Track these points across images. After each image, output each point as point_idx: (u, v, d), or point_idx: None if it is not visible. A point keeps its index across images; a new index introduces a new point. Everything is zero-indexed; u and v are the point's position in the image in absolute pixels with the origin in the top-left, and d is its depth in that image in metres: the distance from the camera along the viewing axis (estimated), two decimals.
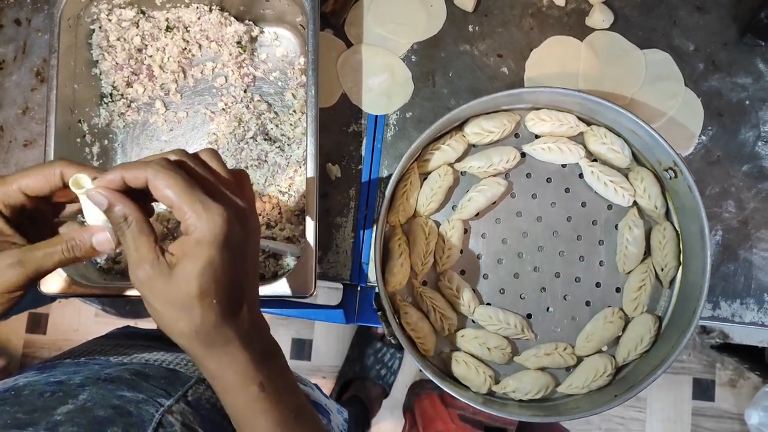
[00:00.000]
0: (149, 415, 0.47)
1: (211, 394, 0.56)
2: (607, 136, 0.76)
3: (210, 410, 0.54)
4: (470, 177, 0.78)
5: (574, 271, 0.77)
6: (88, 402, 0.48)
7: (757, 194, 0.81)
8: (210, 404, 0.54)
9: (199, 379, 0.58)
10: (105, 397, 0.49)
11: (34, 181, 0.47)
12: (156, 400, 0.50)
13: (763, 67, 0.82)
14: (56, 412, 0.46)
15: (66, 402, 0.47)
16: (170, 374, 0.57)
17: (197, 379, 0.57)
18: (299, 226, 0.76)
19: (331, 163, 0.81)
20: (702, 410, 1.73)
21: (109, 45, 0.77)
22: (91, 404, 0.47)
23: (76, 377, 0.53)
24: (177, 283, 0.41)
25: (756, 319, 0.80)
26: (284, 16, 0.79)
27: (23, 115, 0.83)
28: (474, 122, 0.76)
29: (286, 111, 0.80)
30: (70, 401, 0.48)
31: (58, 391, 0.50)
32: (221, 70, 0.80)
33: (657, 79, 0.82)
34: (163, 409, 0.49)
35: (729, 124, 0.82)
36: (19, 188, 0.47)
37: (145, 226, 0.43)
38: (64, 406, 0.47)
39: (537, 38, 0.83)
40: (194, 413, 0.51)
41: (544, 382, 0.75)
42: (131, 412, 0.47)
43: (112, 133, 0.80)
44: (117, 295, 0.69)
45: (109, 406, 0.47)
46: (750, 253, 0.80)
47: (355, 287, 0.80)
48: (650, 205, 0.75)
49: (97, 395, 0.49)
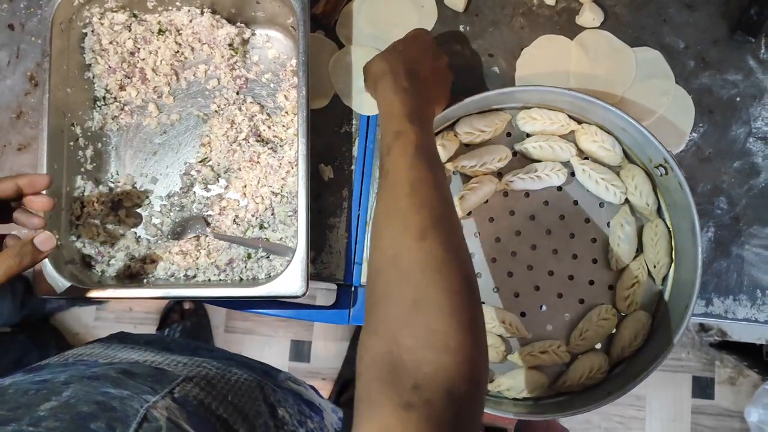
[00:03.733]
0: (133, 410, 0.48)
1: (198, 392, 0.56)
2: (598, 134, 0.76)
3: (197, 407, 0.54)
4: (463, 176, 0.78)
5: (568, 269, 0.77)
6: (72, 398, 0.48)
7: (749, 191, 0.81)
8: (197, 401, 0.55)
9: (187, 378, 0.58)
10: (89, 394, 0.49)
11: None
12: (141, 397, 0.50)
13: (753, 64, 0.82)
14: (39, 408, 0.46)
15: (50, 399, 0.48)
16: (157, 372, 0.58)
17: (185, 377, 0.57)
18: (292, 227, 0.76)
19: (323, 164, 0.81)
20: (702, 408, 1.73)
21: (102, 48, 0.78)
22: (74, 400, 0.48)
23: (61, 376, 0.53)
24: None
25: (749, 315, 0.80)
26: (275, 18, 0.79)
27: (17, 120, 0.83)
28: (465, 122, 0.77)
29: (279, 112, 0.80)
30: (53, 398, 0.48)
31: (43, 389, 0.50)
32: (213, 73, 0.81)
33: (648, 77, 0.82)
34: (148, 405, 0.49)
35: (720, 121, 0.82)
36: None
37: None
38: (48, 403, 0.47)
39: (528, 37, 0.83)
40: (180, 409, 0.51)
41: (539, 380, 0.75)
42: (115, 408, 0.47)
43: (106, 136, 0.80)
44: (110, 298, 0.69)
45: (93, 402, 0.48)
46: (742, 250, 0.81)
47: (349, 287, 0.80)
48: (642, 203, 0.75)
49: (81, 392, 0.49)
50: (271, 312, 0.79)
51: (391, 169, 0.56)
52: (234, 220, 0.77)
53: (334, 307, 0.79)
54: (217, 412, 0.56)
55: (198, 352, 0.74)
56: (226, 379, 0.63)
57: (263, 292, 0.70)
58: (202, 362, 0.65)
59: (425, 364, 0.43)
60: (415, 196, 0.52)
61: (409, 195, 0.52)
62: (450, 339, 0.44)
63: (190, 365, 0.64)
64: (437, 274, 0.47)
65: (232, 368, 0.66)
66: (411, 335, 0.45)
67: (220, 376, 0.62)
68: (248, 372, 0.68)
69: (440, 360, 0.43)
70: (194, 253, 0.77)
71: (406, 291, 0.47)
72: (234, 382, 0.63)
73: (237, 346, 1.73)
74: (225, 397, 0.59)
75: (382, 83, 0.64)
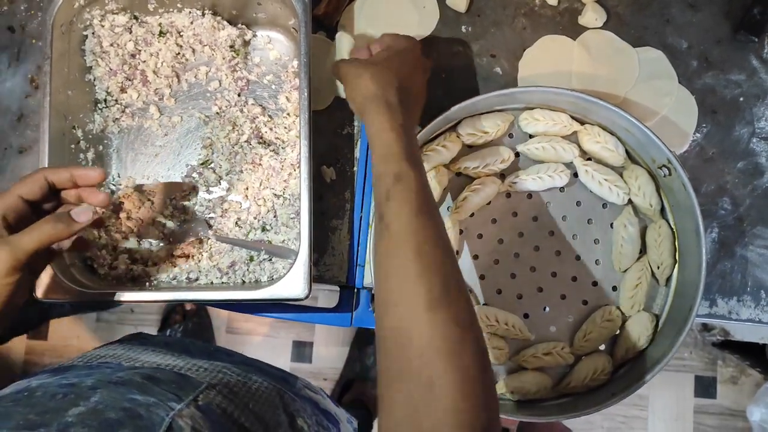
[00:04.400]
0: (159, 418, 0.48)
1: (221, 400, 0.56)
2: (600, 134, 0.75)
3: (220, 416, 0.54)
4: (465, 178, 0.78)
5: (571, 270, 0.77)
6: (99, 404, 0.48)
7: (753, 191, 0.81)
8: (221, 410, 0.55)
9: (209, 385, 0.58)
10: (116, 400, 0.49)
11: (28, 188, 0.60)
12: (167, 404, 0.50)
13: (756, 64, 0.82)
14: (68, 414, 0.46)
15: (77, 404, 0.48)
16: (181, 379, 0.58)
17: (208, 385, 0.57)
18: (294, 229, 0.76)
19: (326, 165, 0.81)
20: (704, 408, 1.73)
21: (103, 51, 0.78)
22: (102, 406, 0.48)
23: (87, 380, 0.53)
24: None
25: (753, 315, 0.80)
26: (277, 20, 0.79)
27: (18, 122, 0.83)
28: (468, 123, 0.76)
29: (280, 114, 0.80)
30: (81, 403, 0.48)
31: (70, 393, 0.50)
32: (215, 74, 0.80)
33: (650, 77, 0.81)
34: (173, 413, 0.49)
35: (723, 121, 0.82)
36: (19, 195, 0.59)
37: None
38: (76, 408, 0.47)
39: (530, 38, 0.83)
40: (204, 418, 0.51)
41: (542, 381, 0.75)
42: (142, 415, 0.47)
43: (107, 138, 0.80)
44: (113, 301, 0.69)
45: (120, 409, 0.48)
46: (746, 250, 0.80)
47: (352, 289, 0.80)
48: (645, 203, 0.75)
49: (108, 398, 0.49)
50: (273, 315, 0.78)
51: (393, 221, 0.54)
52: (236, 223, 0.77)
53: (337, 310, 0.79)
54: (239, 420, 0.56)
55: (216, 356, 0.74)
56: (247, 387, 0.63)
57: (266, 295, 0.69)
58: (222, 368, 0.65)
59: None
60: (422, 260, 0.51)
61: (417, 258, 0.51)
62: (467, 416, 0.45)
63: (211, 370, 0.64)
64: (451, 354, 0.47)
65: (252, 375, 0.67)
66: (429, 416, 0.45)
67: (241, 384, 0.63)
68: (267, 379, 0.68)
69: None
70: (196, 256, 0.76)
71: (422, 370, 0.47)
72: (255, 390, 0.63)
73: (239, 347, 1.73)
74: (246, 405, 0.59)
75: (373, 113, 0.60)
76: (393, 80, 0.62)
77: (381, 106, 0.60)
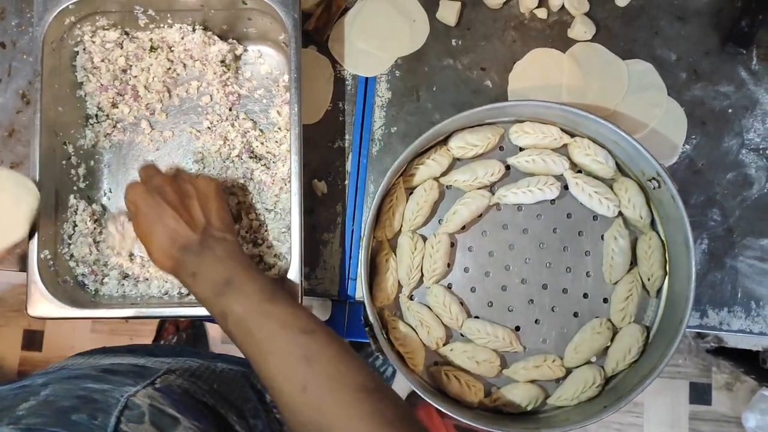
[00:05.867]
0: (115, 399, 0.48)
1: (182, 381, 0.56)
2: (590, 147, 0.76)
3: (182, 395, 0.53)
4: (456, 191, 0.78)
5: (562, 282, 0.77)
6: (51, 396, 0.48)
7: (742, 202, 0.81)
8: (181, 390, 0.54)
9: (169, 370, 0.58)
10: (69, 390, 0.49)
11: None
12: (122, 389, 0.50)
13: (745, 75, 0.83)
14: (18, 408, 0.46)
15: (27, 399, 0.48)
16: (139, 369, 0.58)
17: (167, 370, 0.57)
18: (286, 243, 0.76)
19: (317, 179, 0.81)
20: (699, 414, 1.73)
21: (94, 66, 0.78)
22: (53, 398, 0.48)
23: (39, 379, 0.54)
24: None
25: (744, 326, 0.80)
26: (267, 35, 0.79)
27: (9, 138, 0.83)
28: (458, 136, 0.77)
29: (272, 128, 0.80)
30: (31, 398, 0.48)
31: (21, 392, 0.50)
32: (206, 89, 0.81)
33: (640, 89, 0.82)
34: (128, 394, 0.49)
35: (712, 133, 0.82)
36: None
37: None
38: (26, 403, 0.47)
39: (520, 51, 0.83)
40: (164, 396, 0.51)
41: (534, 394, 0.75)
42: (97, 399, 0.47)
43: (98, 154, 0.80)
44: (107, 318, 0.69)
45: (74, 397, 0.48)
46: (736, 261, 0.81)
47: (343, 303, 0.80)
48: (635, 216, 0.75)
49: (61, 390, 0.49)
50: None
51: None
52: None
53: (329, 323, 0.79)
54: (203, 399, 0.55)
55: (183, 354, 0.73)
56: (210, 371, 0.63)
57: None
58: (186, 360, 0.65)
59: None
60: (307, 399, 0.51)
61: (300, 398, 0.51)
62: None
63: (174, 363, 0.63)
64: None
65: (218, 362, 0.66)
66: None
67: (204, 368, 0.63)
68: (234, 366, 0.68)
69: None
70: None
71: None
72: (219, 373, 0.63)
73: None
74: (210, 386, 0.59)
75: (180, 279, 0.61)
76: (178, 253, 0.60)
77: (176, 273, 0.61)
